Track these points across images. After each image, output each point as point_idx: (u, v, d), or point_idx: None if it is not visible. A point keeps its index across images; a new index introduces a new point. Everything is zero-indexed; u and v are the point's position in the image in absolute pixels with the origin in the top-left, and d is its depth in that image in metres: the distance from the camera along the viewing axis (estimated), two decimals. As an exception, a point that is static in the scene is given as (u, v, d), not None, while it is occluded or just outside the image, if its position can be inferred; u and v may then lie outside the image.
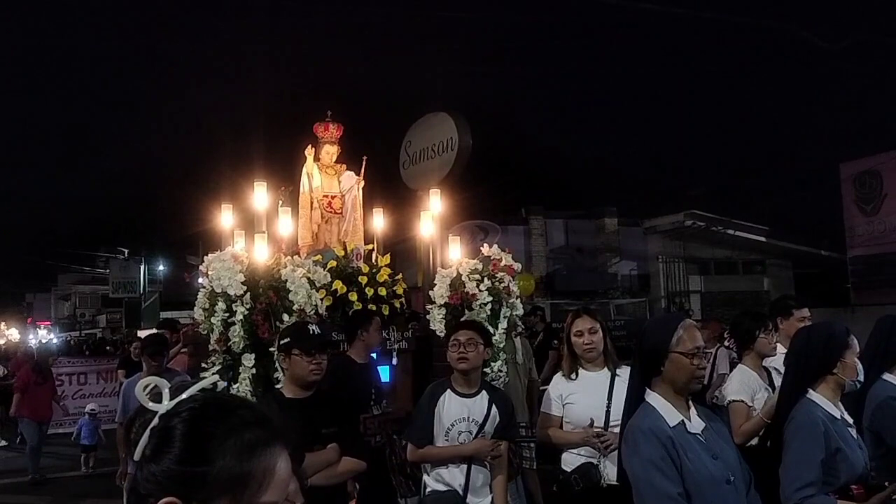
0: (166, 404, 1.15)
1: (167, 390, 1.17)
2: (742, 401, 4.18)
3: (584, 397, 3.78)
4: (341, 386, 4.12)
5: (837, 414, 2.76)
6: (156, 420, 1.14)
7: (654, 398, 2.38)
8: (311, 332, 3.38)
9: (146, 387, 1.19)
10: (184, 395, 1.17)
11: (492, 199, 18.66)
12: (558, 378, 3.94)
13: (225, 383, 4.47)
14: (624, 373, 3.82)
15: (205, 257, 5.21)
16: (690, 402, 2.41)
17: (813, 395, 2.78)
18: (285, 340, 3.37)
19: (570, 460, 3.75)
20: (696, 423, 2.36)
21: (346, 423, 3.43)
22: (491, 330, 5.39)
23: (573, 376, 3.86)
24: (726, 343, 5.08)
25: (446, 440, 3.71)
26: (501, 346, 5.47)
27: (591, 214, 20.96)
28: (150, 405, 1.16)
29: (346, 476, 3.37)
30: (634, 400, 2.41)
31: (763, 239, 21.50)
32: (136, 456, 1.13)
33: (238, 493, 1.08)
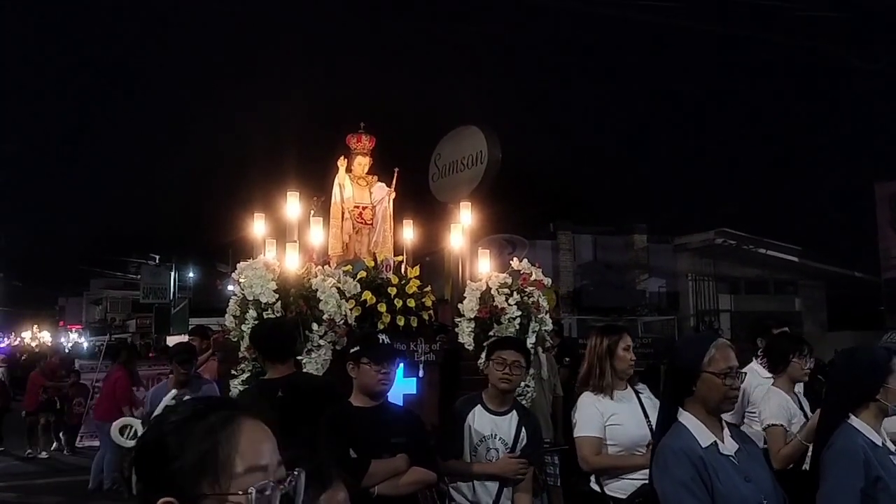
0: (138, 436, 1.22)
1: (139, 425, 1.24)
2: (781, 425, 4.11)
3: (627, 417, 3.66)
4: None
5: (879, 441, 2.68)
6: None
7: (686, 418, 2.35)
8: (381, 341, 3.39)
9: (122, 430, 1.26)
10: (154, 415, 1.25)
11: (520, 213, 18.66)
12: (592, 397, 3.77)
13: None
14: (645, 390, 3.78)
15: (237, 265, 5.26)
16: (724, 423, 2.37)
17: (854, 420, 2.69)
18: (355, 349, 3.38)
19: (624, 486, 3.56)
20: (729, 445, 2.33)
21: (416, 433, 3.38)
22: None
23: (612, 396, 3.74)
24: (759, 361, 4.98)
25: (474, 456, 3.67)
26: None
27: (620, 230, 20.80)
28: (129, 443, 1.22)
29: (413, 487, 3.28)
30: (666, 419, 2.39)
31: (795, 259, 21.18)
32: (136, 490, 1.18)
33: (212, 473, 1.13)
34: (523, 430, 3.70)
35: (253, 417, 1.21)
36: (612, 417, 3.66)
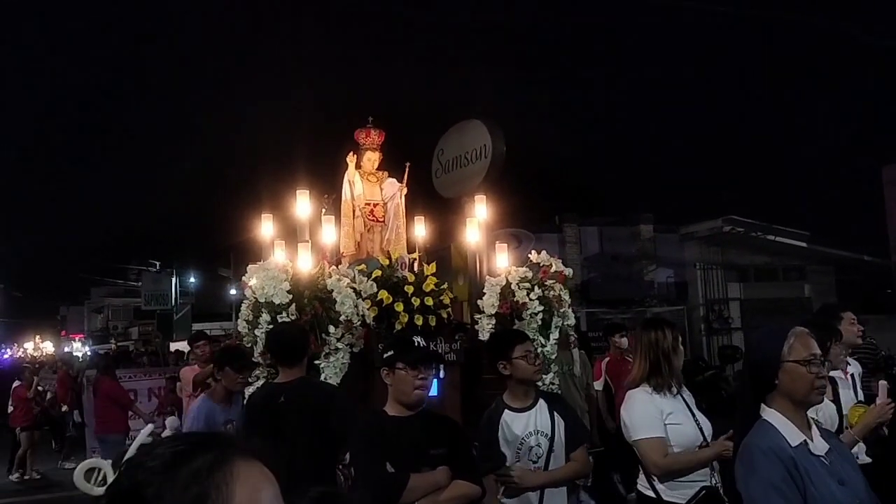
0: (108, 482, 1.01)
1: (109, 468, 1.02)
2: None
3: (684, 416, 3.43)
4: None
5: None
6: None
7: (771, 415, 2.16)
8: (417, 343, 3.21)
9: (87, 474, 1.03)
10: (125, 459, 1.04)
11: (525, 208, 18.47)
12: (647, 395, 3.49)
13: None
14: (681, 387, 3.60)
15: (239, 269, 5.06)
16: (812, 421, 2.18)
17: None
18: (389, 354, 3.18)
19: (682, 490, 3.35)
20: (819, 445, 2.14)
21: (457, 443, 3.16)
22: (542, 341, 5.20)
23: (671, 393, 3.50)
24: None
25: (517, 459, 3.51)
26: (553, 357, 5.26)
27: (626, 221, 20.59)
28: (97, 490, 1.01)
29: (457, 502, 3.06)
30: (748, 418, 2.19)
31: (804, 244, 20.99)
32: None
33: None
34: (556, 414, 3.58)
35: (249, 458, 1.01)
36: (671, 416, 3.42)
